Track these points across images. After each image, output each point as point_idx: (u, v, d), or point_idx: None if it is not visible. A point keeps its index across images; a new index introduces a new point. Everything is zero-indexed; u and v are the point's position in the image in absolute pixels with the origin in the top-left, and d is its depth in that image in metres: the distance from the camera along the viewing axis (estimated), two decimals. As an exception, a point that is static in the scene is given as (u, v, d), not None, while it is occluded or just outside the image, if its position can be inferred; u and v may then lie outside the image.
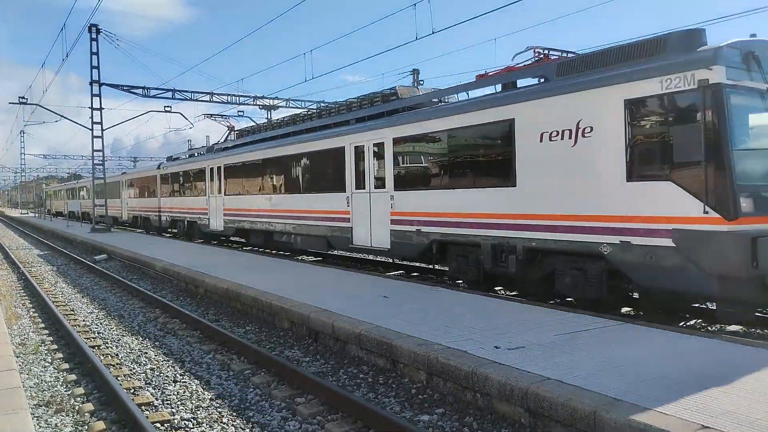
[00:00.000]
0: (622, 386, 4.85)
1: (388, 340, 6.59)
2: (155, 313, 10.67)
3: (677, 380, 4.99)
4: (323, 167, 15.23)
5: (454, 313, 7.91)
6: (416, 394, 5.90)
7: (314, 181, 15.61)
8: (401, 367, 6.42)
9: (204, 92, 36.95)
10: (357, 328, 7.19)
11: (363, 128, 13.62)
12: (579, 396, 4.64)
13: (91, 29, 28.55)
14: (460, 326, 7.14)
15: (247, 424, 5.37)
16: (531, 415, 4.93)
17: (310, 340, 8.10)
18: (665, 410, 4.30)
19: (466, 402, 5.54)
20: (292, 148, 16.55)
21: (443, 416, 5.34)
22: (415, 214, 12.05)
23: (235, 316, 10.06)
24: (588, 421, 4.41)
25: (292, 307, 8.69)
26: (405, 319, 7.60)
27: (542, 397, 4.78)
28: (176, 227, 26.85)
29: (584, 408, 4.45)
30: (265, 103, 40.65)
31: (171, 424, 5.40)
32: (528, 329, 6.94)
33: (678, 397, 4.57)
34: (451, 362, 5.71)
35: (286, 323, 8.83)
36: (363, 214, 13.42)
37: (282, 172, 17.15)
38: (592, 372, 5.25)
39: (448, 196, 11.20)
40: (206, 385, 6.50)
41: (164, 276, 14.51)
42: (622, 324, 7.23)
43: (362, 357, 7.06)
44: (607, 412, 4.32)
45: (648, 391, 4.71)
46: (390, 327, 7.12)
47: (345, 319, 7.67)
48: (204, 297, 11.90)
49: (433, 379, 5.98)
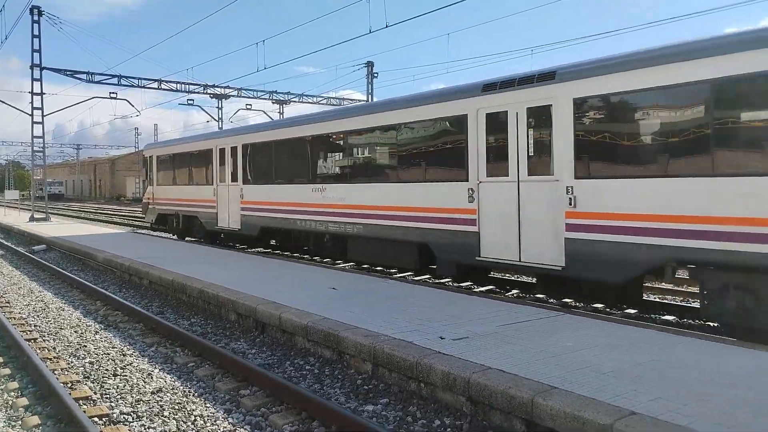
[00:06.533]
0: (559, 374, 5.02)
1: (335, 332, 6.61)
2: (96, 305, 10.35)
3: (611, 368, 5.19)
4: (434, 144, 10.76)
5: (402, 305, 7.99)
6: (362, 384, 5.94)
7: (414, 164, 11.20)
8: (348, 358, 6.45)
9: (152, 79, 35.89)
10: (304, 319, 7.17)
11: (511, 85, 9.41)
12: (517, 384, 4.78)
13: (33, 11, 27.33)
14: (408, 317, 7.22)
15: (189, 416, 5.29)
16: (472, 403, 5.04)
17: (257, 332, 8.03)
18: (598, 397, 4.47)
19: (410, 392, 5.61)
20: (371, 119, 12.21)
21: (387, 406, 5.40)
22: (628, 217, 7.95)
23: (180, 309, 9.87)
24: (525, 408, 4.54)
25: (239, 299, 8.59)
26: (354, 310, 7.63)
27: (483, 386, 4.90)
28: (166, 223, 21.62)
29: (522, 396, 4.59)
30: (216, 92, 39.85)
31: (110, 418, 5.27)
32: (473, 320, 7.08)
33: (611, 384, 4.76)
34: (397, 353, 5.77)
35: (233, 315, 8.73)
36: (503, 213, 9.48)
37: (349, 153, 12.81)
38: (532, 361, 5.41)
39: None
40: (148, 378, 6.36)
41: (107, 267, 14.08)
42: (562, 314, 7.46)
43: (309, 348, 7.05)
44: (543, 399, 4.46)
45: (583, 379, 4.89)
46: (338, 318, 7.14)
47: (293, 310, 7.64)
48: (148, 289, 11.62)
49: (378, 370, 6.03)
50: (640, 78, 7.77)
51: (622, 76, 7.96)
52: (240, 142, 16.69)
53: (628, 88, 7.92)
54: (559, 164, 8.74)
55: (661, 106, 7.66)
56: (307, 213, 13.82)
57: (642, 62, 7.80)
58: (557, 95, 8.73)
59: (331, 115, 14.00)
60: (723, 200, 7.00)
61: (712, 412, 4.18)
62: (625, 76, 7.93)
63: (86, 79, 32.09)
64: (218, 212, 17.61)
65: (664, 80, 7.54)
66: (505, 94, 9.42)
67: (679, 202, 7.39)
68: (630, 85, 7.90)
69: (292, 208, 14.37)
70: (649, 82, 7.68)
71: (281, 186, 14.94)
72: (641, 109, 7.88)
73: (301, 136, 14.29)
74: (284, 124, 15.65)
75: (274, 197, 15.16)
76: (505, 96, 9.43)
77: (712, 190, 7.09)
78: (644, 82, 7.74)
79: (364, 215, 12.17)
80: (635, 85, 7.84)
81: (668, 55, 7.59)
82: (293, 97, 40.51)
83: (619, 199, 8.03)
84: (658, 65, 7.61)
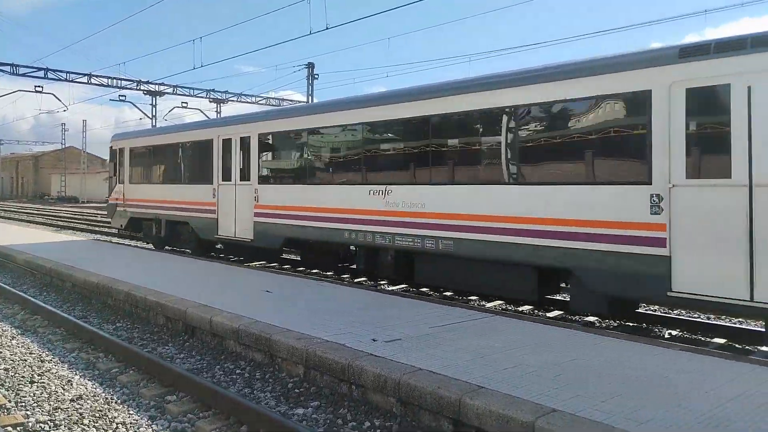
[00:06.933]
0: (487, 374, 5.15)
1: (266, 335, 6.53)
2: (13, 309, 9.80)
3: (536, 367, 5.37)
4: (590, 132, 8.04)
5: (337, 307, 7.98)
6: (293, 388, 5.89)
7: (549, 160, 8.47)
8: (279, 362, 6.38)
9: (81, 73, 34.47)
10: (236, 322, 7.05)
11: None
12: (446, 384, 4.86)
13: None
14: (342, 320, 7.21)
15: (111, 424, 5.09)
16: (402, 404, 5.09)
17: (186, 336, 7.82)
18: (522, 395, 4.62)
19: (342, 394, 5.61)
20: (477, 99, 9.20)
21: (318, 409, 5.38)
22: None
23: (105, 313, 9.47)
24: (453, 408, 4.63)
25: (168, 302, 8.34)
26: (287, 313, 7.56)
27: (413, 387, 4.96)
28: (140, 229, 17.94)
29: (450, 396, 4.68)
30: (150, 89, 38.63)
31: (24, 428, 5.00)
32: (406, 322, 7.15)
33: (534, 383, 4.93)
34: (329, 355, 5.76)
35: (162, 319, 8.46)
36: (718, 232, 6.83)
37: (437, 144, 9.82)
38: (461, 362, 5.52)
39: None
40: (67, 384, 6.07)
41: (27, 269, 13.35)
42: (492, 316, 7.65)
43: (240, 352, 6.93)
44: (470, 399, 4.56)
45: (509, 378, 5.04)
46: (271, 321, 7.05)
47: (224, 314, 7.49)
48: (72, 292, 11.10)
49: (310, 373, 6.00)
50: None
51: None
52: (255, 132, 13.46)
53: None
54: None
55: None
56: (360, 222, 10.94)
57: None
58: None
59: (413, 94, 10.33)
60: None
61: (628, 408, 4.39)
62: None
63: (10, 72, 30.49)
64: (219, 218, 14.32)
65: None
66: (727, 60, 6.91)
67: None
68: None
69: (336, 215, 11.39)
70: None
71: (319, 187, 11.88)
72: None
73: (354, 123, 11.21)
74: (326, 107, 12.17)
75: (307, 201, 12.06)
76: (728, 62, 6.89)
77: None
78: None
79: (457, 227, 9.42)
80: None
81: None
82: (231, 96, 39.80)
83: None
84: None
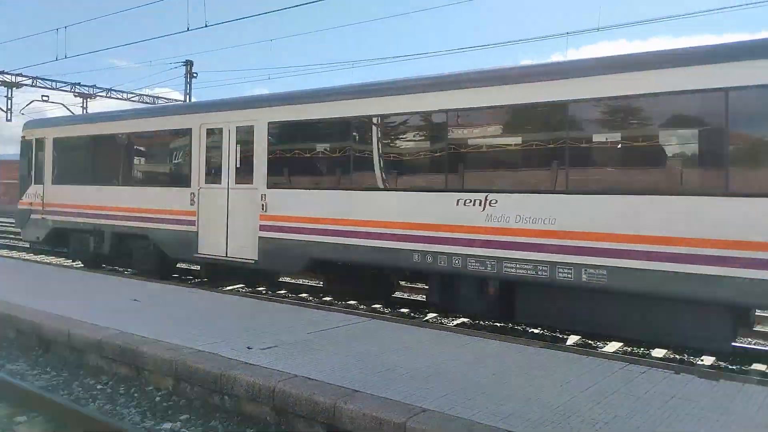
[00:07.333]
0: (362, 377, 5.21)
1: (132, 347, 6.15)
2: None
3: (408, 369, 5.53)
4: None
5: (212, 316, 7.70)
6: (160, 401, 5.59)
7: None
8: (146, 375, 6.04)
9: None
10: (98, 334, 6.57)
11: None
12: (321, 390, 4.86)
13: None
14: (217, 328, 6.97)
15: (-56, 453, 4.54)
16: (277, 413, 5.01)
17: (40, 351, 7.16)
18: (395, 397, 4.73)
19: (213, 406, 5.42)
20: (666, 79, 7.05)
21: (187, 422, 5.15)
22: None
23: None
24: (328, 413, 4.64)
25: (20, 314, 7.60)
26: (156, 323, 7.17)
27: (288, 394, 4.91)
28: (67, 243, 14.43)
29: (325, 401, 4.68)
30: (6, 80, 35.10)
31: None
32: (283, 328, 7.07)
33: (407, 384, 5.06)
34: (200, 366, 5.54)
35: (12, 333, 7.69)
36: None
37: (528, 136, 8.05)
38: (337, 366, 5.55)
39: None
40: None
41: None
42: (370, 320, 7.77)
43: (103, 366, 6.46)
44: (345, 403, 4.59)
45: (383, 381, 5.14)
46: (137, 332, 6.65)
47: (85, 325, 6.95)
48: None
49: (180, 385, 5.73)
50: None
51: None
52: (263, 119, 10.54)
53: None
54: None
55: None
56: (441, 241, 8.44)
57: None
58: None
59: (551, 71, 7.97)
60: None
61: (494, 404, 4.64)
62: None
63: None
64: (200, 231, 11.33)
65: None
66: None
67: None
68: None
69: (401, 231, 8.82)
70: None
71: (374, 194, 9.24)
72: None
73: (436, 110, 8.66)
74: (398, 88, 9.23)
75: (353, 212, 9.34)
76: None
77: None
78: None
79: (607, 252, 7.15)
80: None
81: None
82: (100, 91, 37.13)
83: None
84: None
